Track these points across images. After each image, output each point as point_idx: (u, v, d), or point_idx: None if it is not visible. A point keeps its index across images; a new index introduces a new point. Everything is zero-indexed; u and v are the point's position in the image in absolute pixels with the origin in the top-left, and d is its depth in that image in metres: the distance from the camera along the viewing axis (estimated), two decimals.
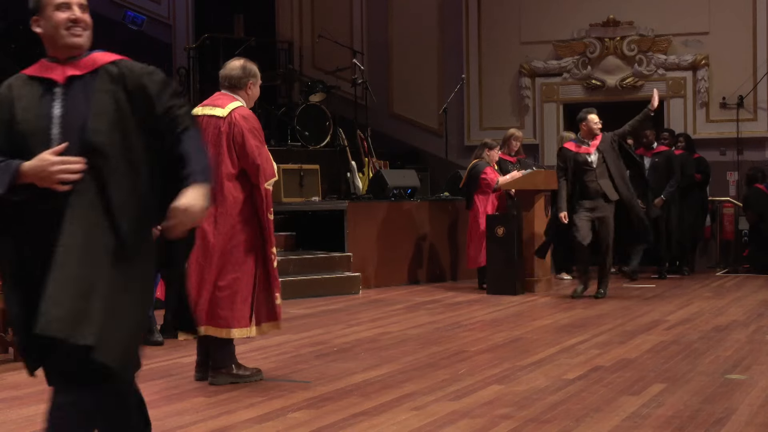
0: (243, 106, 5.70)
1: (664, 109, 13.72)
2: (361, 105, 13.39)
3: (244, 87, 5.75)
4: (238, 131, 5.57)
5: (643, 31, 13.73)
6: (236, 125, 5.58)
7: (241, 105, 5.70)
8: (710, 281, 11.51)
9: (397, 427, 4.65)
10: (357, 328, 7.94)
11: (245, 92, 5.75)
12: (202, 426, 4.68)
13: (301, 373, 5.99)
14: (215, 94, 5.83)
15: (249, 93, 5.77)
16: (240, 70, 5.74)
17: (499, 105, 14.41)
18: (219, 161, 5.55)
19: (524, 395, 5.29)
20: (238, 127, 5.58)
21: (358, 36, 15.20)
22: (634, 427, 4.60)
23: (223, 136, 5.59)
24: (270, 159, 5.70)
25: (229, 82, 5.76)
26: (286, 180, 11.56)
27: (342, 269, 10.81)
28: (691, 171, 12.27)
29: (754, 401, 5.11)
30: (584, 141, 9.72)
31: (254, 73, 5.77)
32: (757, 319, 8.22)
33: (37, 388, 5.61)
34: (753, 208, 12.25)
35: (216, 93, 5.84)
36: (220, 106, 5.70)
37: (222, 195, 5.55)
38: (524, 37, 14.23)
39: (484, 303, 9.57)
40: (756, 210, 12.23)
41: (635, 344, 6.96)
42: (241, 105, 5.70)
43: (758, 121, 13.31)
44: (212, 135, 5.58)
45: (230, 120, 5.61)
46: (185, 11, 16.24)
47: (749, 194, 12.40)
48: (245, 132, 5.57)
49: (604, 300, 9.71)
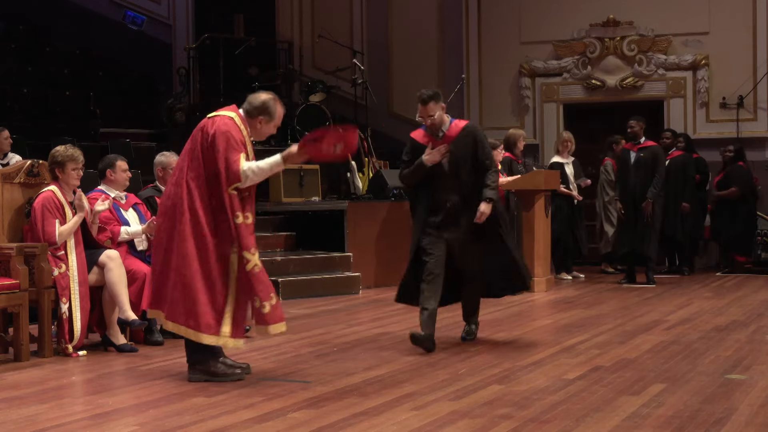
0: (233, 118, 5.70)
1: (664, 109, 13.73)
2: (361, 105, 13.40)
3: (254, 119, 5.76)
4: (212, 134, 5.61)
5: (643, 31, 13.73)
6: (213, 127, 5.64)
7: (231, 116, 5.71)
8: (710, 281, 11.51)
9: (397, 427, 4.65)
10: (357, 328, 7.94)
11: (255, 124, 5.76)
12: (202, 426, 4.68)
13: (301, 373, 5.99)
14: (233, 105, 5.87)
15: (257, 128, 5.78)
16: (260, 103, 5.76)
17: (499, 105, 14.41)
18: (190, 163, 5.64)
19: (524, 395, 5.28)
20: (213, 130, 5.62)
21: (358, 36, 15.20)
22: (634, 427, 4.60)
23: (199, 133, 5.68)
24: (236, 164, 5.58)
25: (248, 104, 5.80)
26: (286, 180, 11.57)
27: (342, 269, 10.81)
28: (691, 172, 12.26)
29: (754, 401, 5.10)
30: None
31: (269, 111, 5.75)
32: (757, 319, 8.22)
33: (37, 388, 5.62)
34: (738, 183, 12.20)
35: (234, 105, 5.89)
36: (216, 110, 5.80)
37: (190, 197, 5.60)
38: (524, 37, 14.23)
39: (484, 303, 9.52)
40: (741, 186, 12.20)
41: (635, 344, 6.96)
42: (232, 116, 5.70)
43: (758, 121, 13.31)
44: (194, 133, 5.70)
45: (211, 122, 5.68)
46: (185, 11, 16.24)
47: (732, 170, 12.28)
48: (217, 135, 5.60)
49: (604, 300, 9.71)
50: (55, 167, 6.89)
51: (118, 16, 16.19)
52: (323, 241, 11.17)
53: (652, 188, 10.94)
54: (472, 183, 6.85)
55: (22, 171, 6.96)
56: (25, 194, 6.97)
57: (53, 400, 5.29)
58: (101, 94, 14.04)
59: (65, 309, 6.64)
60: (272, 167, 5.67)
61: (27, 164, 7.01)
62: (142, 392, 5.48)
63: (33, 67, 13.99)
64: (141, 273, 6.98)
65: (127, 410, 5.08)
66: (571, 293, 10.40)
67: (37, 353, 6.65)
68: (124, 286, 6.83)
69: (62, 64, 14.58)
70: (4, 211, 6.87)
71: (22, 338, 6.47)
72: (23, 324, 6.47)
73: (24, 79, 13.49)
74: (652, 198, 10.95)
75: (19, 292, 6.50)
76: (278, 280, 10.01)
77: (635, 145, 11.17)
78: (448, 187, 6.86)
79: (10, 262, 6.52)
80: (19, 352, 6.50)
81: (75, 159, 6.89)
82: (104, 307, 6.92)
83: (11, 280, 6.50)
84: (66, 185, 6.90)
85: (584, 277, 11.88)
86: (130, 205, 7.43)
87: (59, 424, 4.73)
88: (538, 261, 10.46)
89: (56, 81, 13.87)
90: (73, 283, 6.70)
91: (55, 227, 6.71)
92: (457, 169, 6.85)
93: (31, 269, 6.59)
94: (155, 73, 15.65)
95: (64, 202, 6.81)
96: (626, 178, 11.15)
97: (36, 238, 6.71)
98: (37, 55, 14.57)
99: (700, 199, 12.52)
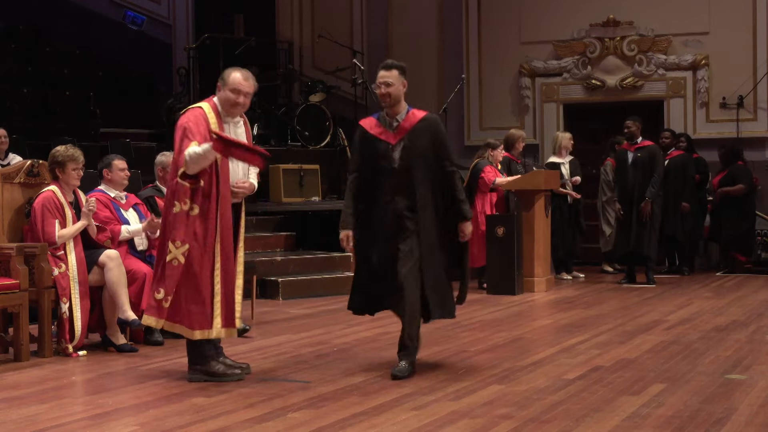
0: (200, 107, 5.76)
1: (664, 109, 13.73)
2: (361, 105, 13.39)
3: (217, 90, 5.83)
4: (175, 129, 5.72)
5: (643, 31, 13.73)
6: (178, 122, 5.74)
7: (200, 106, 5.78)
8: (710, 281, 11.51)
9: (397, 427, 4.65)
10: (357, 328, 7.94)
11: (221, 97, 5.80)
12: (202, 426, 4.68)
13: (301, 373, 5.99)
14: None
15: (222, 98, 5.80)
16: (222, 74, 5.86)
17: (499, 105, 14.40)
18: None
19: (524, 395, 5.29)
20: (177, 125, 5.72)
21: (358, 36, 15.20)
22: (634, 427, 4.60)
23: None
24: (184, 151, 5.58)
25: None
26: (286, 180, 11.57)
27: (342, 269, 10.81)
28: (691, 172, 12.26)
29: (754, 401, 5.11)
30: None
31: (223, 77, 5.78)
32: (757, 319, 8.22)
33: (37, 388, 5.62)
34: (743, 182, 12.19)
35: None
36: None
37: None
38: (524, 37, 14.23)
39: (484, 303, 9.56)
40: (747, 184, 12.19)
41: (635, 344, 6.96)
42: (201, 106, 5.77)
43: (758, 121, 13.30)
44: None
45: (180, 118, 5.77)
46: (185, 11, 16.24)
47: (734, 169, 12.27)
48: (176, 129, 5.70)
49: (604, 300, 9.71)
50: (55, 167, 6.89)
51: (118, 16, 16.19)
52: (323, 241, 11.16)
53: (651, 188, 10.94)
54: (427, 185, 5.87)
55: (22, 171, 6.96)
56: (25, 194, 6.97)
57: (53, 400, 5.29)
58: (101, 94, 14.04)
59: (65, 309, 6.64)
60: (205, 152, 5.51)
61: (27, 164, 7.02)
62: (142, 392, 5.48)
63: (33, 67, 13.98)
64: (141, 273, 6.98)
65: (127, 410, 5.08)
66: (571, 293, 10.40)
67: (37, 353, 6.66)
68: (123, 286, 6.83)
69: (62, 64, 14.58)
70: (4, 211, 6.87)
71: (22, 338, 6.47)
72: (23, 324, 6.48)
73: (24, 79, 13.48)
74: (650, 198, 10.94)
75: (19, 292, 6.50)
76: (278, 280, 10.02)
77: (632, 145, 11.17)
78: (396, 188, 5.86)
79: (10, 262, 6.52)
80: (19, 352, 6.50)
81: (75, 159, 6.89)
82: (104, 307, 6.92)
83: (11, 280, 6.50)
84: (66, 185, 6.91)
85: (584, 277, 11.88)
86: (130, 205, 7.43)
87: (59, 424, 4.74)
88: (538, 261, 10.46)
89: (56, 81, 13.87)
90: (73, 283, 6.70)
91: (55, 227, 6.71)
92: (410, 167, 5.84)
93: (31, 269, 6.59)
94: (155, 73, 15.65)
95: (64, 203, 6.81)
96: (624, 178, 11.15)
97: (36, 238, 6.71)
98: (37, 55, 14.57)
99: (699, 199, 12.52)
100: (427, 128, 5.91)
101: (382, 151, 5.89)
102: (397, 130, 5.91)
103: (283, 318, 8.57)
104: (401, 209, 5.83)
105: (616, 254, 11.61)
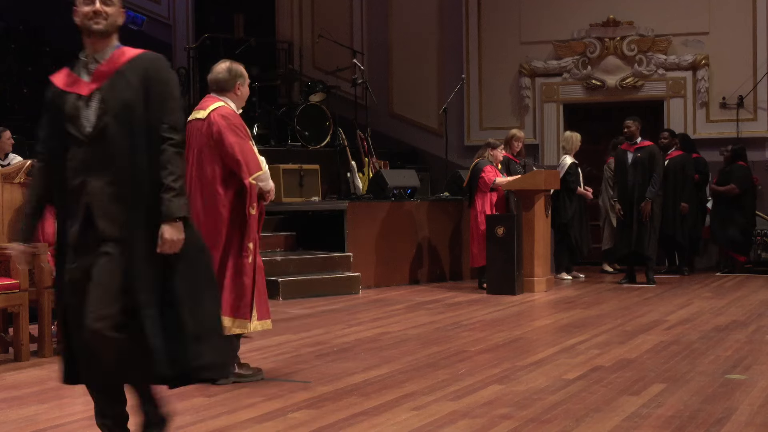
0: (224, 106, 5.74)
1: (664, 109, 13.73)
2: (361, 105, 13.39)
3: (233, 89, 5.80)
4: (216, 129, 5.64)
5: (643, 31, 13.72)
6: (215, 124, 5.66)
7: (222, 105, 5.74)
8: (710, 281, 11.51)
9: (397, 427, 4.65)
10: (357, 328, 7.94)
11: (234, 93, 5.81)
12: (202, 426, 4.68)
13: (301, 373, 5.99)
14: (204, 98, 5.91)
15: (238, 94, 5.82)
16: (226, 72, 5.81)
17: (499, 105, 14.40)
18: (204, 162, 5.63)
19: (524, 395, 5.29)
20: (216, 126, 5.64)
21: (358, 36, 15.20)
22: (634, 427, 4.60)
23: (203, 138, 5.67)
24: (253, 152, 5.69)
25: (217, 85, 5.83)
26: (286, 180, 11.56)
27: (342, 269, 10.81)
28: (690, 172, 12.25)
29: (754, 401, 5.11)
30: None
31: (241, 73, 5.82)
32: (757, 319, 8.22)
33: (37, 388, 5.62)
34: (737, 182, 12.19)
35: (205, 96, 5.92)
36: (203, 108, 5.80)
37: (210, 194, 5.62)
38: (524, 37, 14.23)
39: (484, 303, 9.57)
40: (739, 185, 12.19)
41: (635, 344, 6.96)
42: (222, 105, 5.74)
43: (758, 121, 13.30)
44: (196, 138, 5.67)
45: (209, 120, 5.68)
46: (185, 11, 16.25)
47: (733, 169, 12.27)
48: (222, 129, 5.62)
49: (604, 300, 9.71)
50: None
51: None
52: (323, 241, 11.17)
53: (651, 188, 10.96)
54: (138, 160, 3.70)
55: (22, 171, 6.96)
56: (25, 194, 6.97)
57: (53, 400, 5.29)
58: None
59: None
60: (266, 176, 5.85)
61: (27, 164, 7.01)
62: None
63: (33, 67, 13.98)
64: None
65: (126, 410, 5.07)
66: (571, 293, 10.41)
67: (37, 353, 6.66)
68: None
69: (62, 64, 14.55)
70: (4, 211, 6.87)
71: (22, 338, 6.47)
72: (23, 324, 6.48)
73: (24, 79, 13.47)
74: (650, 197, 10.96)
75: (19, 292, 6.50)
76: (278, 280, 10.02)
77: (632, 145, 11.19)
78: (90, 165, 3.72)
79: (10, 262, 6.52)
80: (19, 352, 6.50)
81: None
82: None
83: (11, 280, 6.50)
84: None
85: (584, 277, 11.89)
86: None
87: (59, 424, 4.74)
88: (538, 261, 10.46)
89: None
90: None
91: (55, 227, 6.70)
92: (108, 132, 3.70)
93: (31, 269, 6.59)
94: None
95: None
96: (624, 178, 11.15)
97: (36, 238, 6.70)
98: (37, 55, 14.57)
99: (699, 199, 12.52)
100: (141, 71, 3.79)
101: (70, 109, 3.78)
102: (95, 76, 3.81)
103: (283, 318, 8.56)
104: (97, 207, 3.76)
105: (616, 254, 11.61)
